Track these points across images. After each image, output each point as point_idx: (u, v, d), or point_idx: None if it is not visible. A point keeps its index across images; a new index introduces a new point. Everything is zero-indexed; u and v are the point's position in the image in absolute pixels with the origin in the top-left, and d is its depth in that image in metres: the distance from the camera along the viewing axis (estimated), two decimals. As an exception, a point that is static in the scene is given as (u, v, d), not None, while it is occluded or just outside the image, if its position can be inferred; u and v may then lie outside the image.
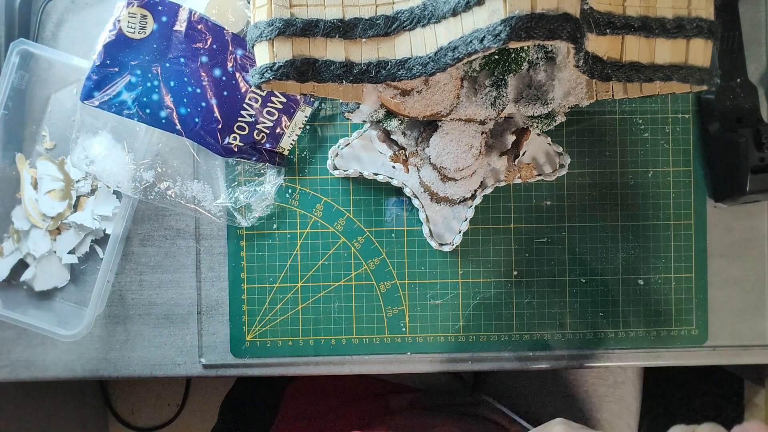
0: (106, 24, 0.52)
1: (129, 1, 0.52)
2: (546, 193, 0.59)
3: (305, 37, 0.36)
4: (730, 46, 0.56)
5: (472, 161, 0.51)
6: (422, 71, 0.35)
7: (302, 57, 0.36)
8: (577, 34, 0.32)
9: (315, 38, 0.36)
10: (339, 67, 0.37)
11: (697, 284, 0.60)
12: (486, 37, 0.31)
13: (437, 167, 0.52)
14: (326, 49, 0.37)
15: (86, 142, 0.54)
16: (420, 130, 0.52)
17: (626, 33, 0.37)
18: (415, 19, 0.35)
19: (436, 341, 0.59)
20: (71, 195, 0.58)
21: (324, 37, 0.36)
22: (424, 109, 0.47)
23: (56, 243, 0.58)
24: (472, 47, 0.32)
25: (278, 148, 0.57)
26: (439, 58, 0.34)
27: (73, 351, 0.59)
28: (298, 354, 0.59)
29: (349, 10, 0.36)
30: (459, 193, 0.54)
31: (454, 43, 0.33)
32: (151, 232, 0.59)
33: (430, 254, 0.59)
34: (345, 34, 0.36)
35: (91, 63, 0.52)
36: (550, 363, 0.60)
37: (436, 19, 0.34)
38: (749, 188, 0.54)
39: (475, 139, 0.50)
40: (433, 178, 0.53)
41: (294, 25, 0.36)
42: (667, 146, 0.59)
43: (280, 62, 0.36)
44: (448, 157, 0.50)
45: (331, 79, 0.37)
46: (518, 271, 0.59)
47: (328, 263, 0.59)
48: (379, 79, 0.37)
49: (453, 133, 0.50)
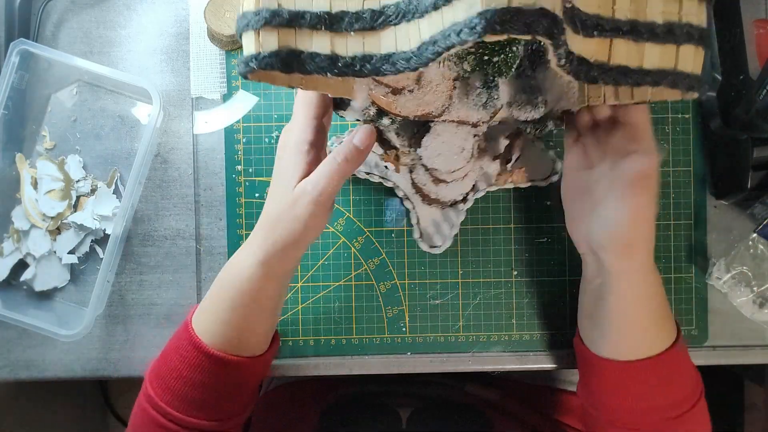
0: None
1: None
2: (546, 193, 0.59)
3: (291, 27, 0.36)
4: (731, 43, 0.56)
5: (463, 164, 0.51)
6: (406, 66, 0.35)
7: (288, 48, 0.36)
8: (553, 29, 0.32)
9: (301, 29, 0.36)
10: (324, 60, 0.36)
11: (697, 284, 0.60)
12: (463, 30, 0.31)
13: (429, 168, 0.52)
14: (312, 41, 0.36)
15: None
16: (413, 131, 0.52)
17: (615, 36, 0.36)
18: (401, 14, 0.35)
19: (436, 341, 0.59)
20: (71, 195, 0.58)
21: (310, 29, 0.36)
22: (416, 108, 0.47)
23: (56, 243, 0.58)
24: (450, 41, 0.32)
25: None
26: (421, 52, 0.34)
27: (73, 351, 0.59)
28: (298, 354, 0.59)
29: (336, 2, 0.36)
30: (450, 195, 0.54)
31: (434, 37, 0.33)
32: (151, 232, 0.59)
33: (430, 254, 0.59)
34: (331, 27, 0.36)
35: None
36: (550, 363, 0.60)
37: (420, 14, 0.34)
38: (750, 185, 0.54)
39: (467, 141, 0.51)
40: (425, 180, 0.53)
41: (280, 15, 0.36)
42: (667, 146, 0.59)
43: (265, 53, 0.36)
44: (440, 159, 0.50)
45: (316, 71, 0.36)
46: (518, 271, 0.59)
47: (328, 263, 0.59)
48: (364, 73, 0.36)
49: (445, 134, 0.50)
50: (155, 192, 0.59)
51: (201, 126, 0.59)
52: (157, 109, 0.54)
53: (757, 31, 0.58)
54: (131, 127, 0.59)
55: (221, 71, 0.58)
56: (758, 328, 0.60)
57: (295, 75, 0.37)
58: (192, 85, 0.59)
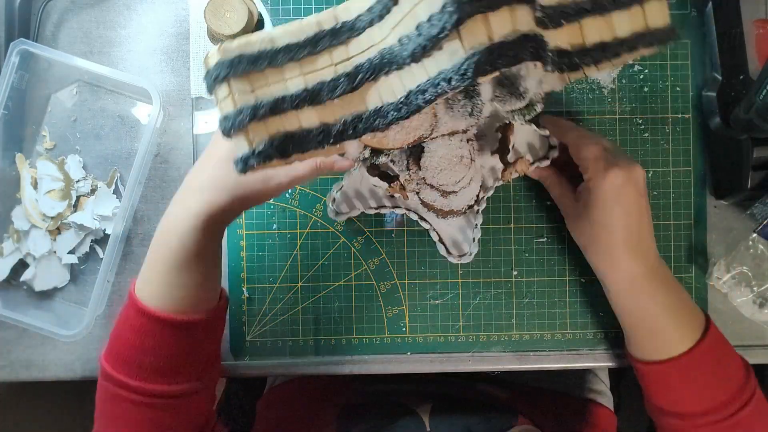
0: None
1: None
2: (546, 193, 0.59)
3: (276, 115, 0.36)
4: (731, 43, 0.56)
5: (465, 171, 0.52)
6: (397, 116, 0.35)
7: (279, 135, 0.36)
8: (540, 51, 0.33)
9: (286, 113, 0.36)
10: (317, 134, 0.37)
11: (697, 284, 0.60)
12: (453, 78, 0.32)
13: (435, 186, 0.52)
14: (299, 120, 0.37)
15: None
16: (407, 154, 0.53)
17: (582, 17, 0.37)
18: (376, 69, 0.35)
19: (436, 341, 0.59)
20: (71, 195, 0.58)
21: (295, 110, 0.36)
22: (406, 137, 0.48)
23: (56, 243, 0.58)
24: (441, 89, 0.33)
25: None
26: (411, 101, 0.34)
27: (73, 351, 0.59)
28: (298, 354, 0.59)
29: (309, 77, 0.36)
30: (463, 202, 0.54)
31: (422, 86, 0.34)
32: (151, 232, 0.59)
33: (431, 254, 0.59)
34: (313, 101, 0.36)
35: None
36: (550, 363, 0.59)
37: (398, 66, 0.35)
38: (750, 185, 0.54)
39: (463, 149, 0.52)
40: (434, 197, 0.54)
41: (261, 107, 0.36)
42: (667, 146, 0.59)
43: (260, 147, 0.36)
44: (443, 174, 0.52)
45: (314, 147, 0.37)
46: (518, 271, 0.59)
47: (328, 263, 0.59)
48: (359, 133, 0.37)
49: (440, 149, 0.51)
50: (155, 192, 0.59)
51: (201, 126, 0.59)
52: (157, 109, 0.54)
53: (757, 31, 0.58)
54: (131, 127, 0.59)
55: (221, 71, 0.58)
56: (758, 328, 0.60)
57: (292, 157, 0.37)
58: (192, 85, 0.59)
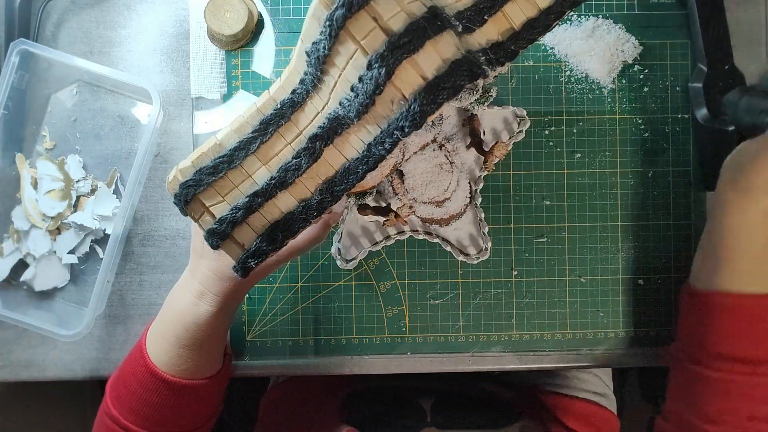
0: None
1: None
2: (546, 193, 0.59)
3: (254, 212, 0.38)
4: (716, 33, 0.56)
5: (450, 176, 0.53)
6: (366, 168, 0.36)
7: (264, 227, 0.38)
8: (473, 68, 0.33)
9: (263, 206, 0.37)
10: (300, 212, 0.38)
11: (697, 284, 0.60)
12: (404, 125, 0.33)
13: (427, 201, 0.53)
14: (278, 207, 0.38)
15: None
16: (389, 181, 0.53)
17: (502, 5, 0.36)
18: (330, 133, 0.36)
19: (436, 341, 0.59)
20: (71, 195, 0.58)
21: (269, 199, 0.37)
22: (381, 172, 0.49)
23: (56, 243, 0.58)
24: (395, 137, 0.33)
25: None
26: (373, 153, 0.35)
27: (73, 351, 0.59)
28: (298, 354, 0.59)
29: (272, 163, 0.37)
30: (459, 204, 0.55)
31: (378, 138, 0.34)
32: (151, 232, 0.59)
33: (431, 254, 0.59)
34: (283, 185, 0.37)
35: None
36: (550, 363, 0.60)
37: (347, 125, 0.35)
38: None
39: (439, 156, 0.53)
40: (430, 211, 0.55)
41: (238, 210, 0.37)
42: (667, 146, 0.59)
43: (253, 246, 0.38)
44: (431, 187, 0.53)
45: (300, 225, 0.38)
46: (518, 271, 0.59)
47: (328, 263, 0.59)
48: (338, 196, 0.37)
49: (419, 167, 0.52)
50: (155, 192, 0.59)
51: (201, 126, 0.59)
52: (157, 109, 0.54)
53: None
54: (131, 127, 0.59)
55: (221, 71, 0.58)
56: (758, 328, 0.60)
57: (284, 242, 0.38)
58: (192, 85, 0.59)
